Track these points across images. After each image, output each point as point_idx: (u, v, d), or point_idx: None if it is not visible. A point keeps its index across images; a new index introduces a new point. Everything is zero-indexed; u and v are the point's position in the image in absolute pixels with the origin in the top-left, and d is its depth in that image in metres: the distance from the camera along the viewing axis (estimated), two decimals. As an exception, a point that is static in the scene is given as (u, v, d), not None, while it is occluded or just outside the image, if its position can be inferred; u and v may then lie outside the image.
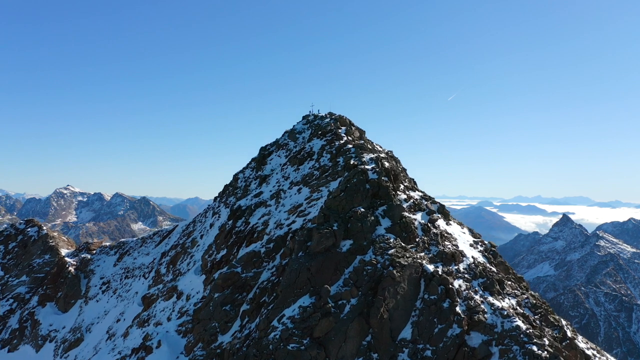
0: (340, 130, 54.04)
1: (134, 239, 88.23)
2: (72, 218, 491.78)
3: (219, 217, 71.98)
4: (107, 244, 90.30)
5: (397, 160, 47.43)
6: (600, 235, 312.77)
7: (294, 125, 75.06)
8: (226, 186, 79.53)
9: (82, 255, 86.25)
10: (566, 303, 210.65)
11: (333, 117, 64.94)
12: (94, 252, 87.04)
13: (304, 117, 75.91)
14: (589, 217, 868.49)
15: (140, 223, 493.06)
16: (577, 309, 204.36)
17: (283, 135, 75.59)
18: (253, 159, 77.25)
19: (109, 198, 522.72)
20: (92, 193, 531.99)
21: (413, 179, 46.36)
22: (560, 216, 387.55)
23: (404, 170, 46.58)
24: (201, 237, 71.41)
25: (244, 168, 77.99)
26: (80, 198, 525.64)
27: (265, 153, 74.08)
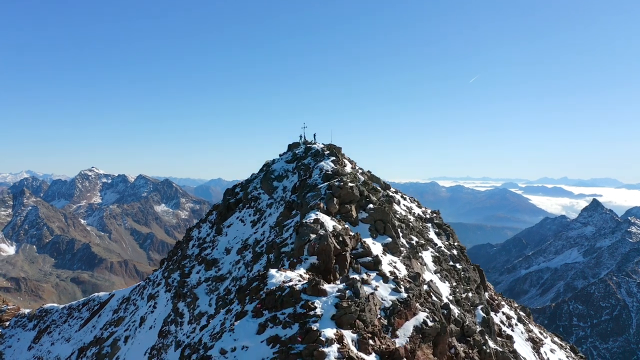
0: (329, 246, 18.25)
1: (60, 307, 59.27)
2: (96, 199, 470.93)
3: (154, 305, 42.42)
4: (27, 311, 61.61)
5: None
6: (632, 221, 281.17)
7: (273, 160, 43.39)
8: (177, 244, 49.38)
9: (-9, 330, 57.49)
10: (597, 293, 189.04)
11: (332, 171, 30.44)
12: (7, 324, 58.06)
13: (289, 147, 44.26)
14: (617, 199, 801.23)
15: (164, 205, 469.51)
16: (608, 299, 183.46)
17: (260, 171, 44.48)
18: (215, 207, 46.70)
19: (133, 180, 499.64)
20: (117, 175, 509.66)
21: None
22: (587, 198, 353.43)
23: None
24: (125, 340, 41.76)
25: (200, 221, 47.72)
26: (104, 180, 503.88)
27: (230, 202, 43.22)
